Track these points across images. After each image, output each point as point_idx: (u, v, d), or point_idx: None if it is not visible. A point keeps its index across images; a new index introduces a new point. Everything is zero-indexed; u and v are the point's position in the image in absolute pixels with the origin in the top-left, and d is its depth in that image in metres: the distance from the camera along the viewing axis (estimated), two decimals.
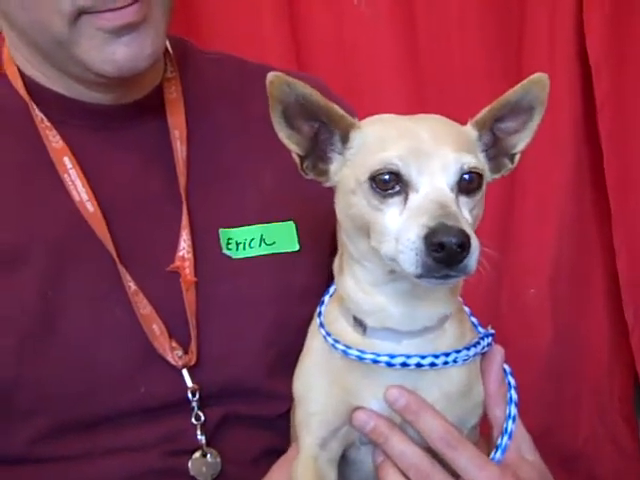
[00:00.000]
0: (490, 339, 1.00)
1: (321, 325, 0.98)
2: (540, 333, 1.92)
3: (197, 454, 1.09)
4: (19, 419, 1.06)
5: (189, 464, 1.09)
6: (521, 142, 0.95)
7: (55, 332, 1.06)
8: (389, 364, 0.92)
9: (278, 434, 1.08)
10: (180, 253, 1.12)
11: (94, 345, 1.07)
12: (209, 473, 1.09)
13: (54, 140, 1.10)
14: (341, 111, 0.89)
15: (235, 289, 1.14)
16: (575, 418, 1.98)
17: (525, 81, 0.91)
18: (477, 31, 1.86)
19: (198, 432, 1.10)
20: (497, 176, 0.95)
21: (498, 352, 1.00)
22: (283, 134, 0.90)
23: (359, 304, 0.93)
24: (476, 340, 0.98)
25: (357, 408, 0.95)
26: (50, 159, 1.10)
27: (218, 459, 1.10)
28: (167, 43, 1.20)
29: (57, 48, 1.04)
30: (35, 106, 1.11)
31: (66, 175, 1.09)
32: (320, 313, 0.99)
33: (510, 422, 0.98)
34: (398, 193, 0.85)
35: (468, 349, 0.95)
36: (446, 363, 0.93)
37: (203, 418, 1.10)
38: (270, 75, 0.86)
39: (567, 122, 1.87)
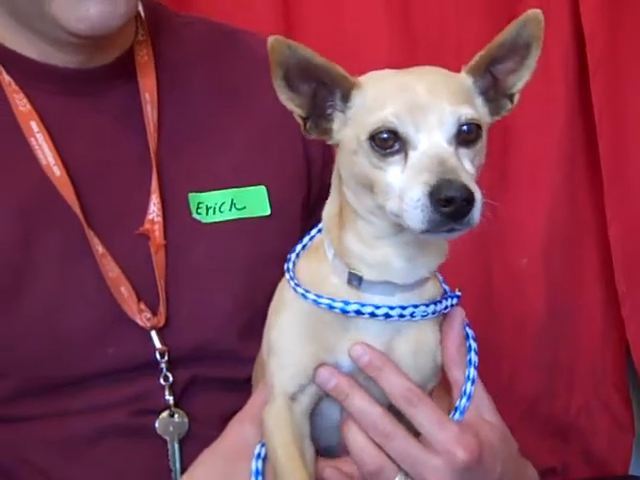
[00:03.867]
0: (455, 300, 1.00)
1: (291, 278, 0.97)
2: (533, 302, 1.92)
3: (164, 414, 1.11)
4: None
5: (156, 423, 1.10)
6: (520, 81, 0.94)
7: (22, 296, 1.07)
8: (343, 310, 0.93)
9: (246, 396, 1.07)
10: (150, 216, 1.12)
11: (62, 308, 1.08)
12: (176, 433, 1.11)
13: (21, 104, 1.10)
14: (342, 71, 0.89)
15: (205, 253, 1.14)
16: (568, 388, 1.98)
17: (519, 19, 0.91)
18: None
19: (166, 393, 1.11)
20: (498, 117, 0.95)
21: (458, 313, 1.00)
22: (285, 97, 0.90)
23: (362, 257, 0.93)
24: (438, 299, 0.97)
25: (321, 365, 0.96)
26: (17, 123, 1.10)
27: (185, 419, 1.11)
28: (139, 6, 1.20)
29: (31, 5, 1.04)
30: (2, 69, 1.11)
31: (33, 139, 1.09)
32: (289, 269, 0.99)
33: (469, 384, 0.98)
34: (398, 151, 0.85)
35: (427, 305, 0.95)
36: (402, 316, 0.93)
37: (171, 379, 1.11)
38: (271, 39, 0.85)
39: (560, 91, 1.85)
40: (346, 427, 0.97)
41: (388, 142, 0.85)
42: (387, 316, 0.93)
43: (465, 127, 0.86)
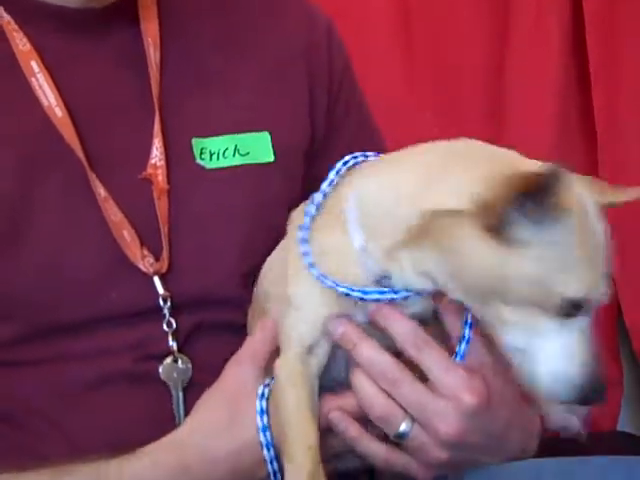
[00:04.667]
0: None
1: (305, 254, 0.95)
2: None
3: (168, 360, 1.10)
4: None
5: (160, 369, 1.10)
6: None
7: (23, 239, 1.06)
8: (362, 299, 0.94)
9: None
10: (152, 161, 1.11)
11: (64, 252, 1.07)
12: (180, 379, 1.10)
13: (21, 43, 1.08)
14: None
15: (208, 198, 1.13)
16: None
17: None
18: None
19: (169, 338, 1.10)
20: None
21: None
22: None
23: (403, 272, 0.92)
24: None
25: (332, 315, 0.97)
26: (17, 63, 1.08)
27: (189, 365, 1.11)
28: None
29: None
30: (1, 7, 1.10)
31: (33, 79, 1.08)
32: (304, 240, 0.97)
33: (467, 329, 0.98)
34: (567, 315, 0.85)
35: None
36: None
37: (175, 325, 1.10)
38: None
39: (555, 47, 1.86)
40: (355, 377, 0.97)
41: (572, 310, 0.85)
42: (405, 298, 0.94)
43: None
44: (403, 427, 0.96)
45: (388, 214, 0.90)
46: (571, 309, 0.84)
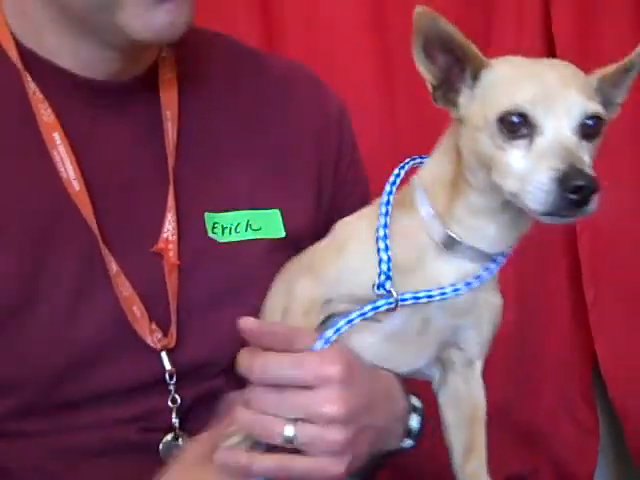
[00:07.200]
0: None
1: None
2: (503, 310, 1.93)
3: (169, 437, 1.10)
4: None
5: (160, 446, 1.09)
6: (622, 95, 0.99)
7: (34, 310, 1.04)
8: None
9: None
10: (164, 235, 1.10)
11: (73, 325, 1.06)
12: None
13: (45, 114, 1.07)
14: (476, 50, 0.94)
15: (219, 273, 1.13)
16: (536, 395, 2.01)
17: None
18: None
19: (173, 415, 1.10)
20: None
21: None
22: (421, 64, 0.95)
23: (465, 225, 0.98)
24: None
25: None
26: (39, 133, 1.07)
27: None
28: None
29: (97, 13, 1.01)
30: (29, 76, 1.08)
31: (55, 152, 1.07)
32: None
33: (344, 321, 1.00)
34: (524, 136, 0.89)
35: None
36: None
37: (179, 401, 1.10)
38: (418, 9, 0.91)
39: None
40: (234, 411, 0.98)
41: (516, 126, 0.89)
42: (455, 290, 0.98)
43: (590, 121, 0.90)
44: (287, 431, 0.96)
45: (433, 180, 1.02)
46: (513, 125, 0.89)
